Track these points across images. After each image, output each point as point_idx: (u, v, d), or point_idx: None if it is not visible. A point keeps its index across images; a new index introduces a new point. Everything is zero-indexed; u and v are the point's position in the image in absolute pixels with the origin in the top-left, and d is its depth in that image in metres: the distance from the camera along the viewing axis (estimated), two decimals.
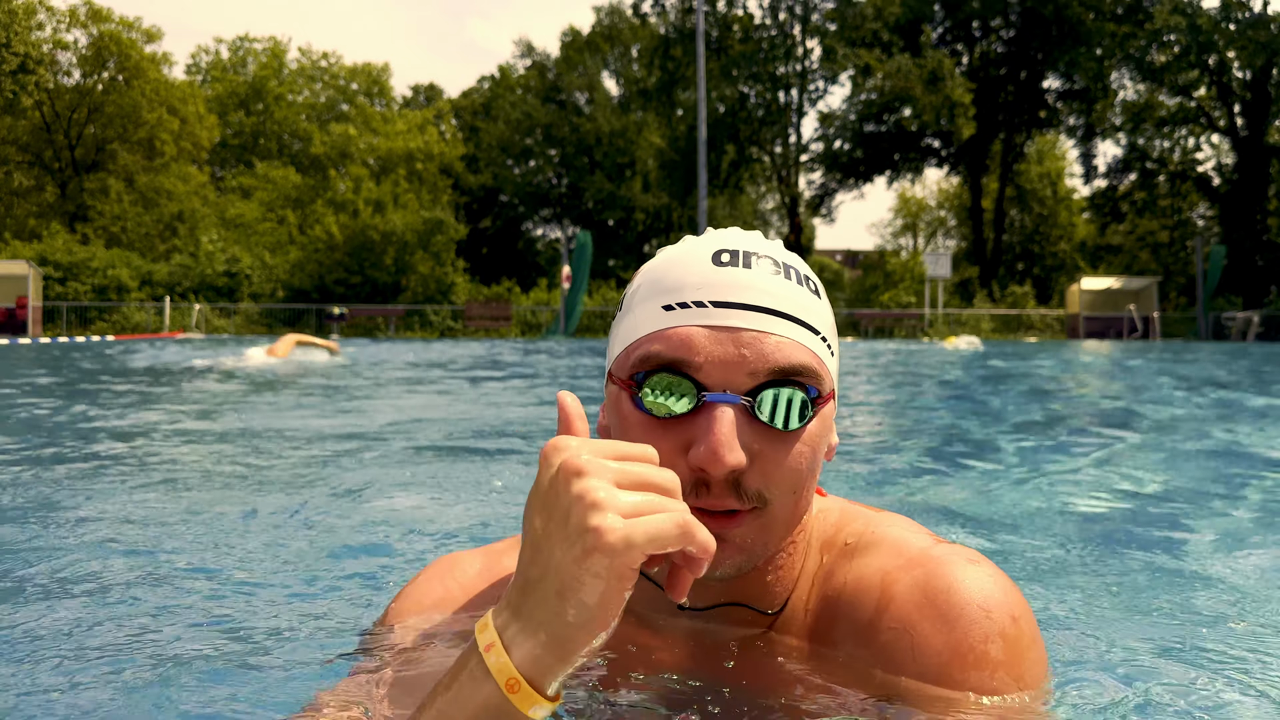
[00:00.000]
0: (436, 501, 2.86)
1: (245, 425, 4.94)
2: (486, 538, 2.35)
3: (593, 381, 9.09)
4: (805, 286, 0.90)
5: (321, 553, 2.14)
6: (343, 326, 30.47)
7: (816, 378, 0.88)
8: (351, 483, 3.12)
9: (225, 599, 1.75)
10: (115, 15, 38.64)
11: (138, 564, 2.01)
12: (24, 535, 2.31)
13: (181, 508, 2.67)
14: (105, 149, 38.71)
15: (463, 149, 45.40)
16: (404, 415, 5.79)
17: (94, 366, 11.22)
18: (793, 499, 0.89)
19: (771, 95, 38.96)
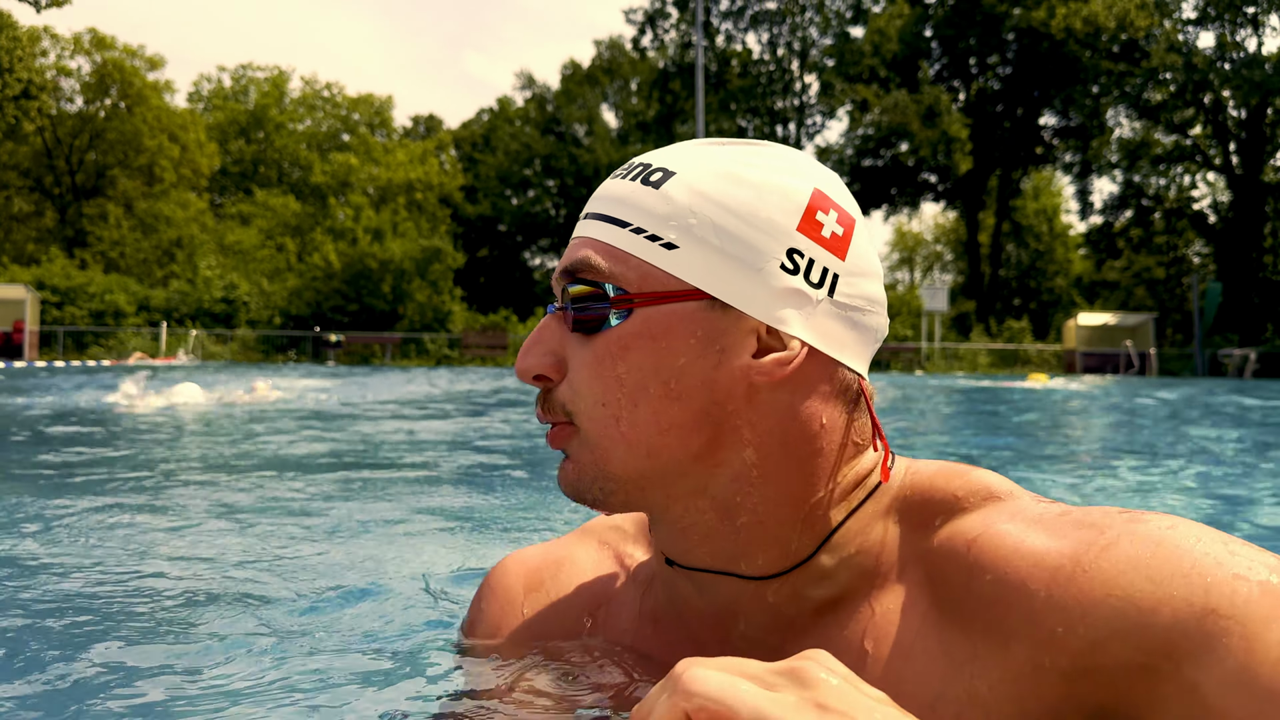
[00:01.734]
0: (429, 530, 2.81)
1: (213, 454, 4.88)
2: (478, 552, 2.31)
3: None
4: (639, 180, 0.83)
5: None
6: (339, 354, 30.45)
7: (607, 273, 0.80)
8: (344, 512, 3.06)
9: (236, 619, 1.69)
10: (119, 43, 39.03)
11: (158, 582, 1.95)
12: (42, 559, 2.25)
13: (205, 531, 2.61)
14: (106, 175, 38.90)
15: (462, 179, 45.67)
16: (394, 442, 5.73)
17: (90, 388, 11.15)
18: (604, 413, 0.80)
19: (769, 129, 39.26)
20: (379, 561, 2.26)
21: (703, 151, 0.84)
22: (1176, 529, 0.71)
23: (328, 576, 2.07)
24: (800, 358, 0.80)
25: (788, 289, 0.80)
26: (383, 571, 2.13)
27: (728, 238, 0.79)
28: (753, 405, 0.80)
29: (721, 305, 0.79)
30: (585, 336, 0.81)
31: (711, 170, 0.82)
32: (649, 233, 0.80)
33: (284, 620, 1.68)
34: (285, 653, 1.43)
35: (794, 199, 0.81)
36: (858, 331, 0.84)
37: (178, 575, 2.07)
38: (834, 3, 38.85)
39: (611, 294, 0.80)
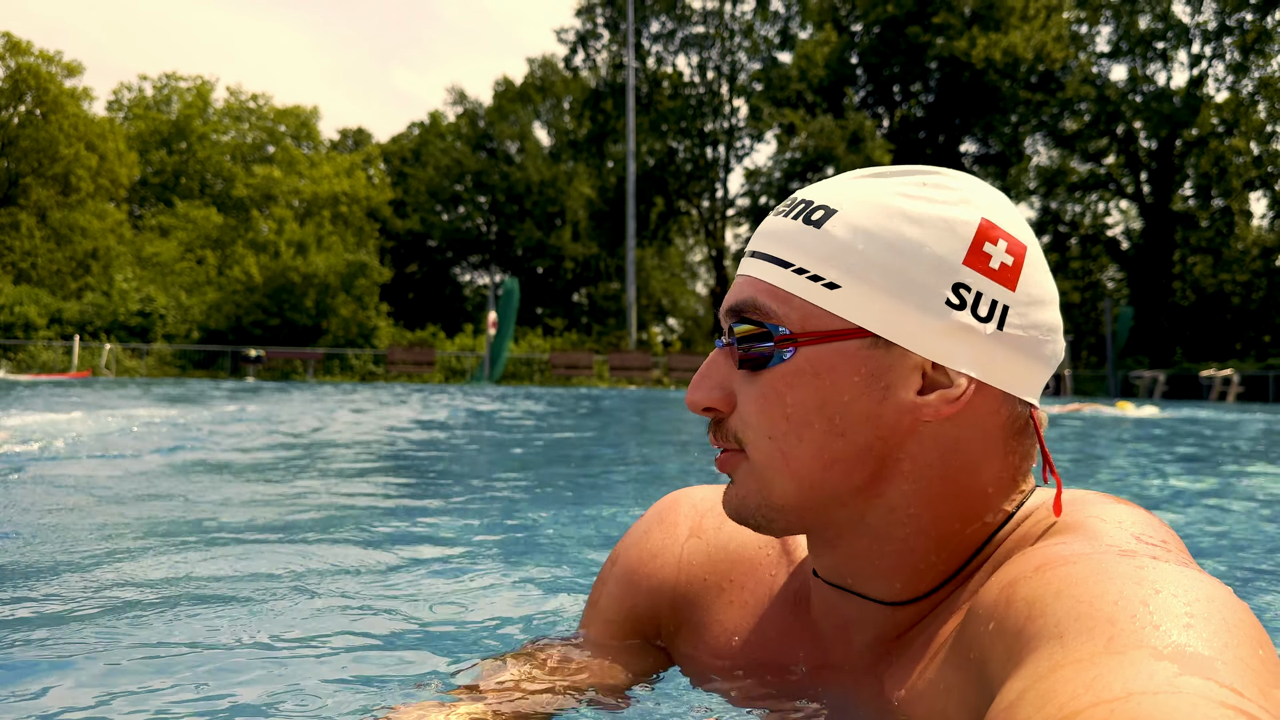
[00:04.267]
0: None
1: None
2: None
3: (497, 425, 8.97)
4: (801, 219, 0.84)
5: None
6: (259, 369, 29.77)
7: (771, 313, 0.82)
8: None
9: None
10: (35, 48, 37.80)
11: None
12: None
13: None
14: (18, 183, 37.59)
15: (390, 194, 45.19)
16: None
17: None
18: (770, 446, 0.82)
19: (699, 150, 39.63)
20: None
21: (864, 185, 0.85)
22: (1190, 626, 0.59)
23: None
24: (967, 394, 0.80)
25: (954, 325, 0.80)
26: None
27: (890, 276, 0.80)
28: (916, 440, 0.81)
29: (885, 343, 0.80)
30: (752, 373, 0.83)
31: (873, 206, 0.82)
32: (811, 273, 0.81)
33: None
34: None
35: (959, 232, 0.80)
36: (1030, 361, 0.83)
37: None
38: (763, 28, 39.48)
39: (775, 334, 0.82)
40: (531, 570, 2.30)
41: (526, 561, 2.44)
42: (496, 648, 1.48)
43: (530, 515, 3.28)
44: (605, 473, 5.26)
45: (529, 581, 2.14)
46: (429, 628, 1.71)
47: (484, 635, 1.66)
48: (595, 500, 3.83)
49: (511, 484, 4.42)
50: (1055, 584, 0.66)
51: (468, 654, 1.46)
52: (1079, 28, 36.61)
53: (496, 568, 2.33)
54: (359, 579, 2.13)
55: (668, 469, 5.54)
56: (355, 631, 1.66)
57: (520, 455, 6.33)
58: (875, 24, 37.74)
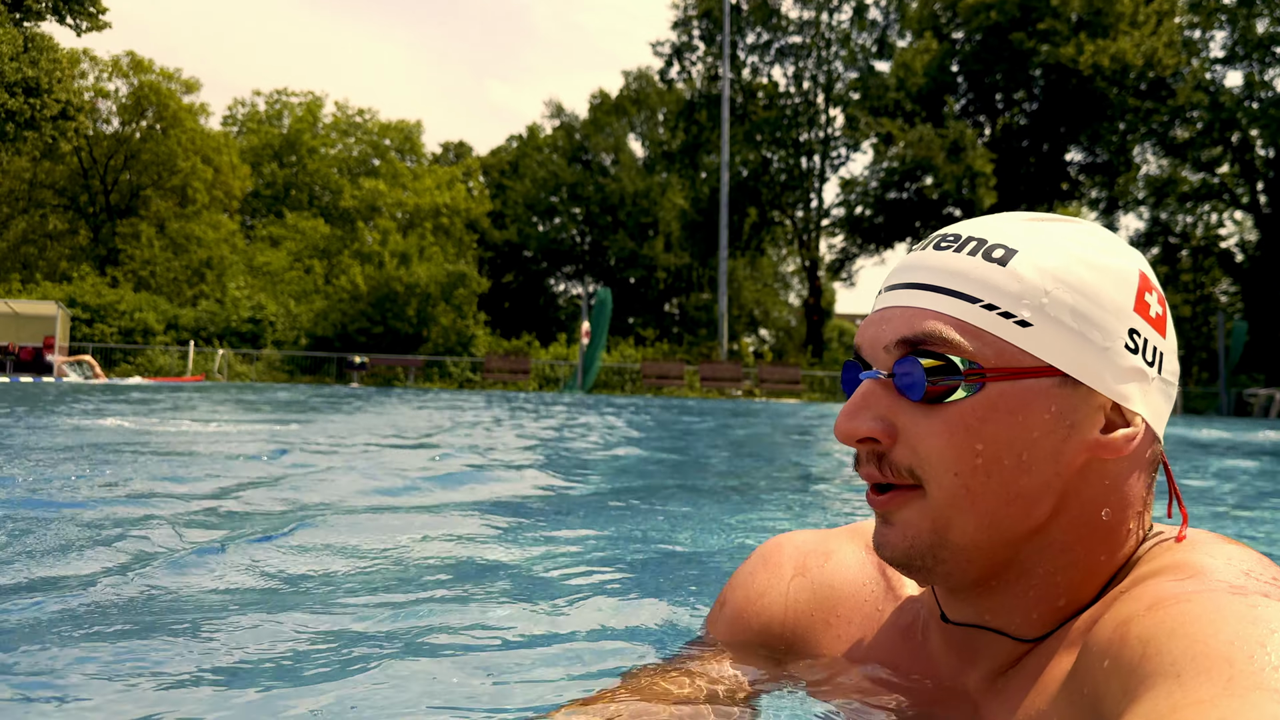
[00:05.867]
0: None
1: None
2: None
3: (594, 434, 9.10)
4: (980, 256, 0.85)
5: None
6: (363, 375, 30.72)
7: (959, 347, 0.83)
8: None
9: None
10: (156, 66, 39.79)
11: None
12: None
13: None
14: (139, 195, 39.59)
15: (489, 205, 46.18)
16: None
17: (117, 406, 11.37)
18: (955, 482, 0.83)
19: (794, 161, 39.44)
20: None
21: (1033, 229, 0.87)
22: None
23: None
24: (1142, 433, 0.85)
25: (1131, 367, 0.84)
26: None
27: (1080, 317, 0.83)
28: (1083, 477, 0.84)
29: (1073, 382, 0.83)
30: (931, 405, 0.83)
31: (1053, 249, 0.85)
32: (1002, 309, 0.83)
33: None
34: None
35: (1128, 280, 0.85)
36: (1169, 402, 0.89)
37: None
38: (859, 37, 39.11)
39: (964, 367, 0.82)
40: (653, 583, 2.32)
41: (650, 574, 2.47)
42: (620, 661, 1.52)
43: (655, 529, 3.31)
44: (728, 484, 5.32)
45: (654, 595, 2.16)
46: (556, 639, 1.74)
47: (611, 647, 1.69)
48: (717, 513, 3.89)
49: (628, 494, 4.50)
50: (1169, 623, 0.67)
51: (595, 667, 1.51)
52: (1192, 33, 35.28)
53: (622, 580, 2.36)
54: (486, 588, 2.18)
55: (781, 481, 5.58)
56: (484, 641, 1.70)
57: (639, 464, 6.43)
58: (977, 31, 37.03)
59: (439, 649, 1.62)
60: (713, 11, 38.12)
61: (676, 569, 2.60)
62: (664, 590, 2.24)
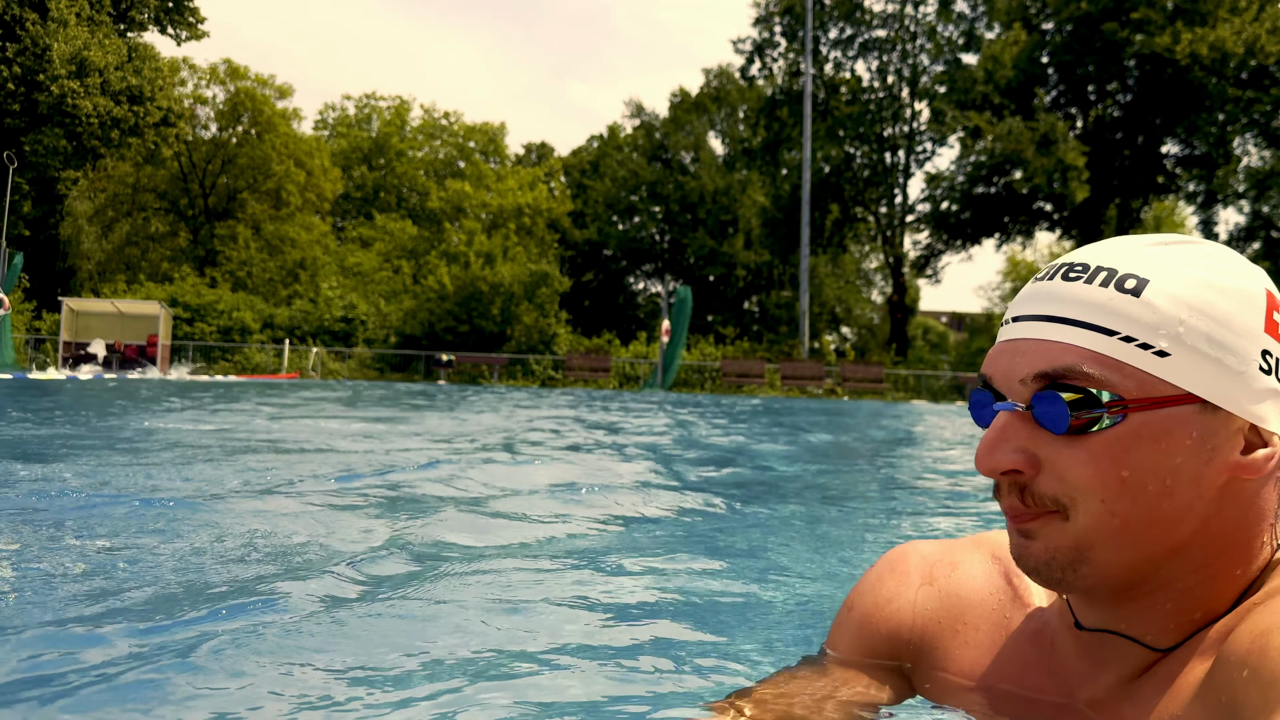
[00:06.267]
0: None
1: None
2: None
3: (677, 431, 9.17)
4: (1113, 287, 0.88)
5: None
6: (450, 373, 31.33)
7: (1100, 380, 0.85)
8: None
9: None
10: (251, 73, 41.13)
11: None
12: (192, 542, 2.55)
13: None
14: (236, 198, 40.99)
15: (570, 205, 46.62)
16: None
17: (219, 400, 11.86)
18: (1101, 508, 0.86)
19: (877, 156, 38.96)
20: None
21: (1160, 255, 0.90)
22: None
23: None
24: (1279, 452, 0.88)
25: (1266, 389, 0.87)
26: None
27: (1215, 344, 0.86)
28: (1222, 497, 0.87)
29: (1212, 407, 0.86)
30: (1074, 437, 0.86)
31: (1182, 276, 0.87)
32: (1139, 341, 0.86)
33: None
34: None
35: (1256, 302, 0.88)
36: None
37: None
38: (946, 30, 38.42)
39: (1106, 399, 0.85)
40: (761, 587, 2.33)
41: (755, 578, 2.48)
42: (747, 668, 1.56)
43: (761, 530, 3.32)
44: (829, 484, 5.36)
45: (764, 599, 2.18)
46: (687, 643, 1.78)
47: (739, 652, 1.71)
48: (821, 514, 3.92)
49: (728, 494, 4.57)
50: None
51: (724, 672, 1.54)
52: None
53: (729, 584, 2.36)
54: (596, 592, 2.20)
55: (895, 482, 5.59)
56: (618, 644, 1.73)
57: (743, 463, 6.49)
58: (1068, 21, 36.06)
59: (566, 652, 1.65)
60: (795, 7, 37.86)
61: (784, 573, 2.60)
62: (773, 594, 2.25)
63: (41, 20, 33.64)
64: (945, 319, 57.12)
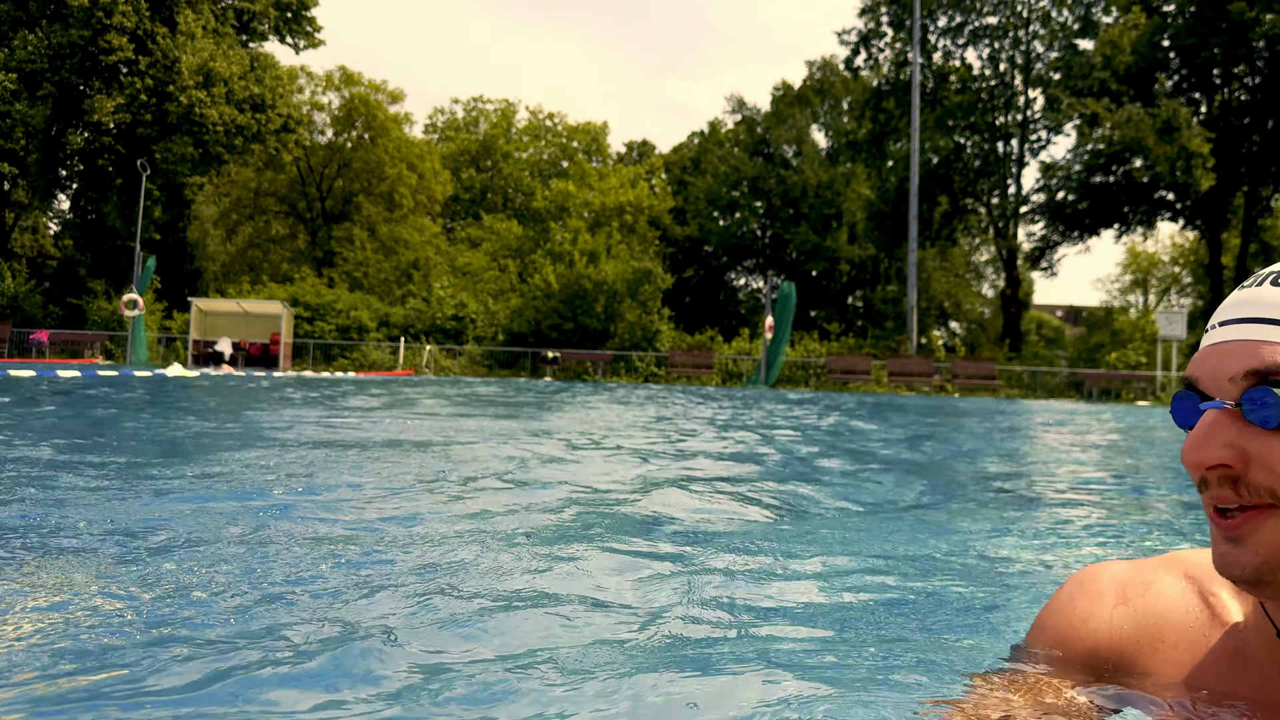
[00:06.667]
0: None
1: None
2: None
3: (786, 429, 9.17)
4: None
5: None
6: (555, 370, 31.81)
7: None
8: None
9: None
10: (365, 79, 42.42)
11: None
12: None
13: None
14: (351, 201, 42.36)
15: (671, 202, 46.78)
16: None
17: (337, 394, 12.34)
18: None
19: (989, 146, 37.97)
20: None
21: None
22: None
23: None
24: None
25: None
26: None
27: None
28: None
29: None
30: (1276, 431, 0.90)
31: None
32: None
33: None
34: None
35: None
36: None
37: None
38: (1061, 15, 37.18)
39: None
40: (921, 593, 2.31)
41: (913, 578, 2.46)
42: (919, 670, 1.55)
43: (897, 532, 3.27)
44: (961, 484, 5.33)
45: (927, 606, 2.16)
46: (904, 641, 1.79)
47: (915, 660, 1.69)
48: (957, 509, 3.91)
49: (855, 494, 4.59)
50: None
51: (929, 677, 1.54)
52: None
53: (888, 590, 2.34)
54: (754, 596, 2.18)
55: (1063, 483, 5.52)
56: (832, 640, 1.74)
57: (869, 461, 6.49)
58: (1191, 3, 34.49)
59: (732, 657, 1.66)
60: None
61: (921, 571, 2.56)
62: (916, 594, 2.23)
63: (171, 34, 35.41)
64: (1060, 313, 55.28)
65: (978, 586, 2.44)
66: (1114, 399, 28.27)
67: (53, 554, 2.38)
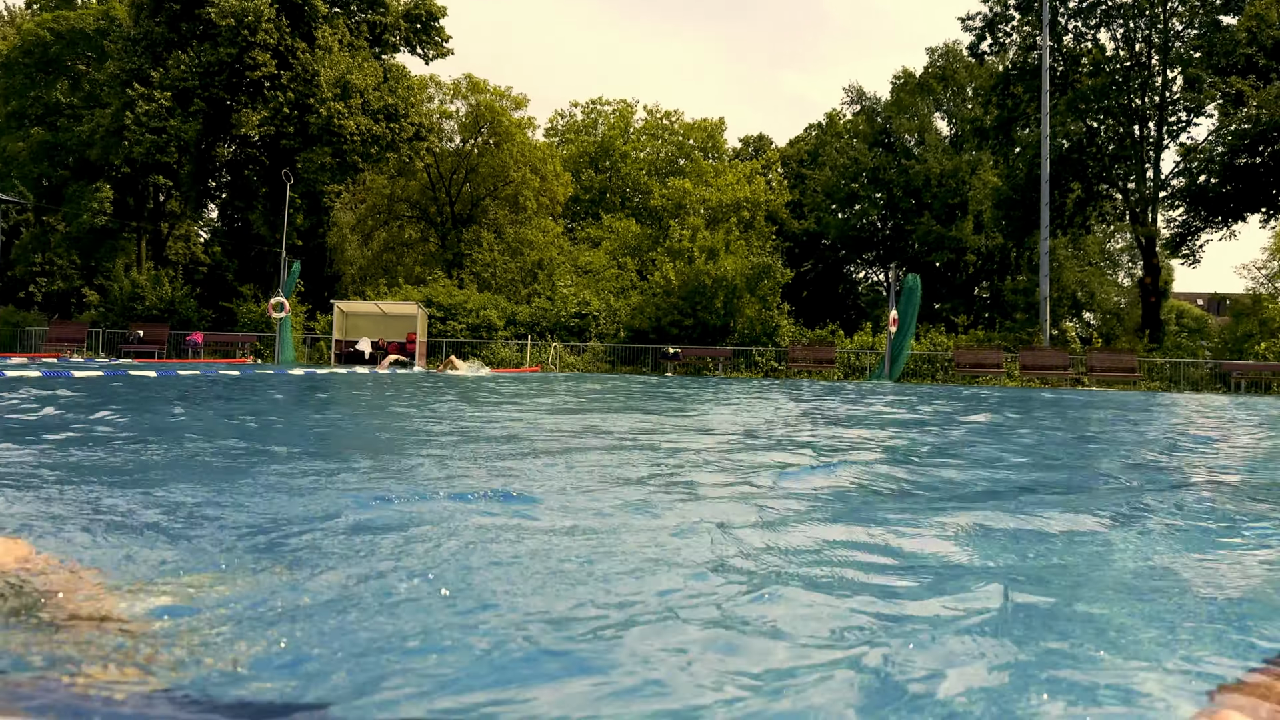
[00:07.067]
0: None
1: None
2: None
3: (906, 426, 9.18)
4: None
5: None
6: (676, 365, 32.16)
7: None
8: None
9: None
10: (490, 86, 43.63)
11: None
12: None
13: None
14: (479, 205, 43.65)
15: (788, 196, 46.58)
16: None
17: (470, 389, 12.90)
18: None
19: (1124, 129, 36.50)
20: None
21: None
22: None
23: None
24: None
25: None
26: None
27: None
28: None
29: None
30: None
31: None
32: None
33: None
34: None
35: None
36: None
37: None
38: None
39: None
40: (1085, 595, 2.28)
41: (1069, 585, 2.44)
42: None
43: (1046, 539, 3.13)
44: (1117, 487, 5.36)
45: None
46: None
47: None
48: (1111, 511, 3.95)
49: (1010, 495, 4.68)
50: None
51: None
52: None
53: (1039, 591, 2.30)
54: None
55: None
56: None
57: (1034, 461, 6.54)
58: None
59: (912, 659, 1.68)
60: None
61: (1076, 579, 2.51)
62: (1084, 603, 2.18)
63: (310, 49, 37.21)
64: (1201, 301, 52.68)
65: (1216, 591, 2.35)
66: (1263, 391, 26.93)
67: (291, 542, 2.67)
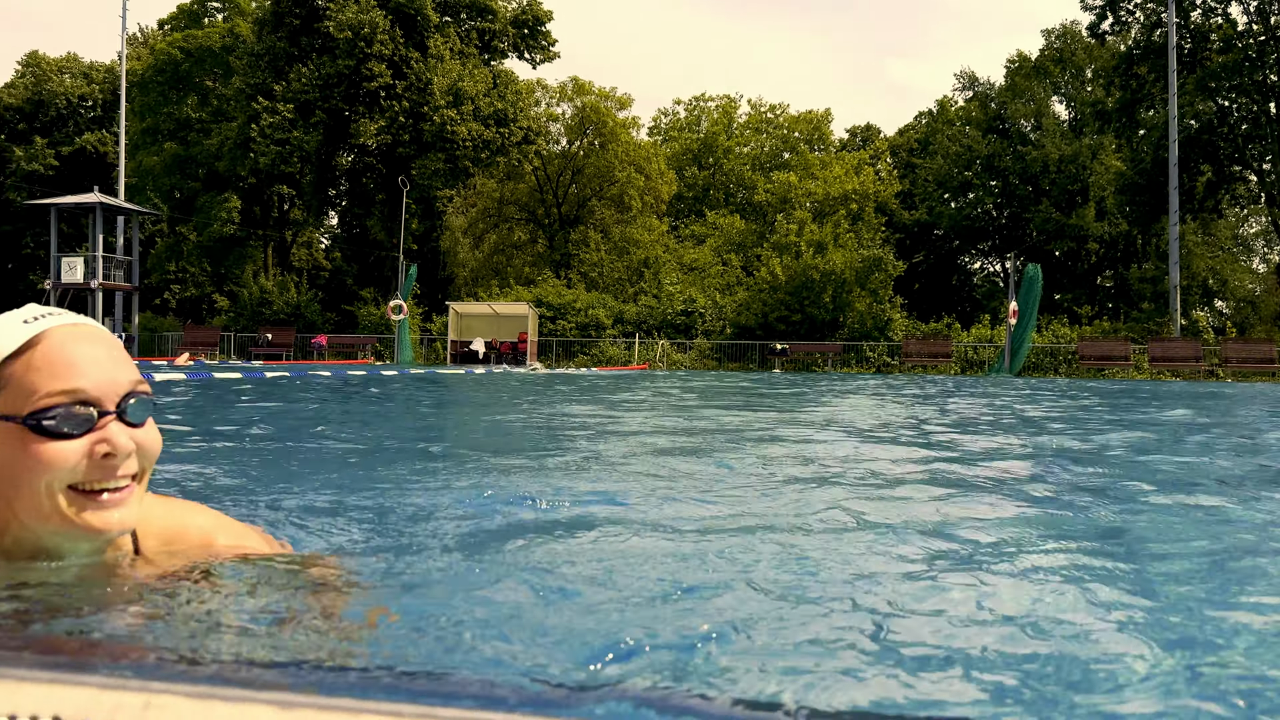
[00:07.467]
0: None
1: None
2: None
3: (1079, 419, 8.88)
4: None
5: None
6: (784, 361, 31.92)
7: None
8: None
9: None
10: (595, 87, 44.05)
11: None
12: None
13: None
14: (585, 205, 44.16)
15: (897, 186, 45.66)
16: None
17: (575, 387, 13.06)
18: None
19: (1259, 108, 34.58)
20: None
21: None
22: None
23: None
24: None
25: None
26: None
27: None
28: None
29: None
30: None
31: None
32: None
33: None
34: None
35: None
36: None
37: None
38: None
39: None
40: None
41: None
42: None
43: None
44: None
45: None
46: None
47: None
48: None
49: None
50: None
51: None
52: None
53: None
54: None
55: None
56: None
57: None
58: None
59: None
60: None
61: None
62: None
63: (423, 58, 38.27)
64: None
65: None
66: None
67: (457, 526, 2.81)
